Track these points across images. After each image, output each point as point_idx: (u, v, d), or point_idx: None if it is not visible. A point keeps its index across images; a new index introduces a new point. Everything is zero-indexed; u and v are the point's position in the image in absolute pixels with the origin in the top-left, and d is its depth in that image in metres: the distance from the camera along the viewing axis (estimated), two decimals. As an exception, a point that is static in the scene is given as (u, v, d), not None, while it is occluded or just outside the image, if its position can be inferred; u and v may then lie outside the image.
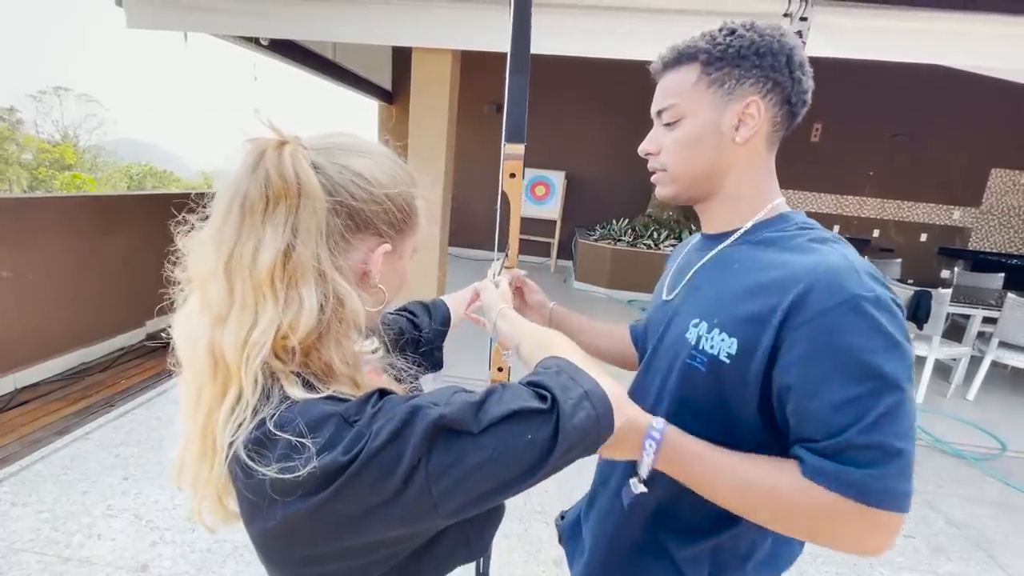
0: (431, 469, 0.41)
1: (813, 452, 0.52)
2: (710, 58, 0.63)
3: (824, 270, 0.55)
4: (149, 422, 2.64)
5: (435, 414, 0.42)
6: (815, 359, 0.53)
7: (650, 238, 6.08)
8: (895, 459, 0.50)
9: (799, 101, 0.64)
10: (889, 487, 0.49)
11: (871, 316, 0.52)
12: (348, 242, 0.50)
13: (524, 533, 2.04)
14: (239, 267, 0.45)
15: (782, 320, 0.55)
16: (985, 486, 2.69)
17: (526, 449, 0.43)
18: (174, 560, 1.78)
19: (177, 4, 3.04)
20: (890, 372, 0.51)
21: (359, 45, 5.39)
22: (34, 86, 36.11)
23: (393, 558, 0.49)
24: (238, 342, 0.45)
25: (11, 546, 1.78)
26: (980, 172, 6.69)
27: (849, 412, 0.51)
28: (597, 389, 0.48)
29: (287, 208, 0.45)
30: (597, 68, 6.34)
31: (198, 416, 0.48)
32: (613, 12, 2.72)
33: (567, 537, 0.92)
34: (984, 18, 2.48)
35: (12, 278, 2.86)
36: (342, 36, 3.14)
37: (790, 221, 0.66)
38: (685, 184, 0.69)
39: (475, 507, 0.44)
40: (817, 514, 0.52)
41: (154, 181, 24.84)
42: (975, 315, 3.87)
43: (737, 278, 0.63)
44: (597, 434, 0.47)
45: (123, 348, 3.54)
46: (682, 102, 0.65)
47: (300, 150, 0.47)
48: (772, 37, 0.62)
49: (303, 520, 0.42)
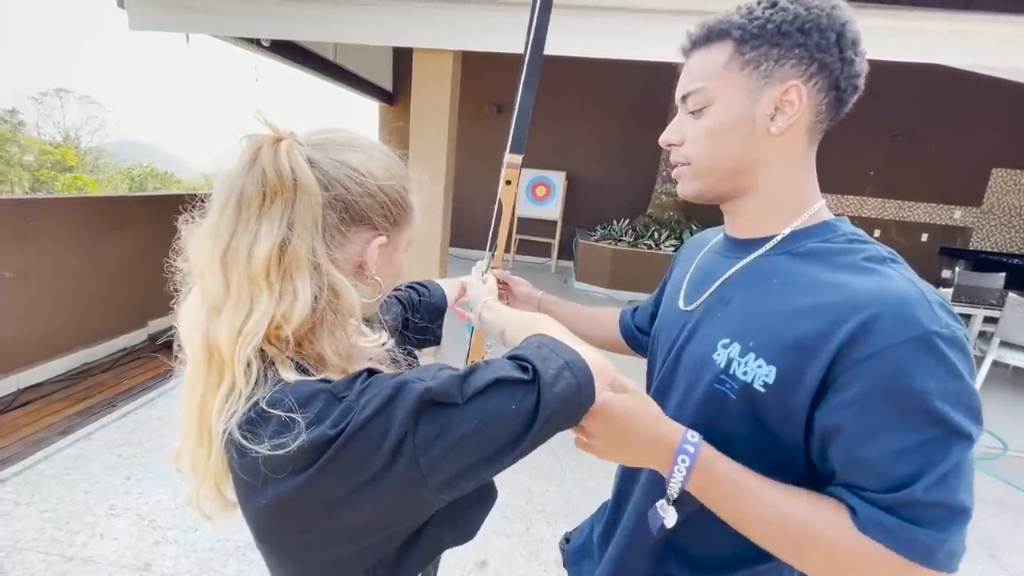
0: (418, 441, 0.42)
1: (867, 502, 0.47)
2: (745, 35, 0.55)
3: (892, 299, 0.48)
4: (151, 422, 2.64)
5: (421, 388, 0.43)
6: (877, 400, 0.46)
7: (651, 238, 6.08)
8: (960, 519, 0.45)
9: (849, 86, 0.55)
10: (952, 550, 0.45)
11: (946, 356, 0.45)
12: (344, 235, 0.51)
13: (525, 532, 2.05)
14: (235, 260, 0.46)
15: (837, 352, 0.48)
16: (987, 486, 2.69)
17: (511, 418, 0.44)
18: (176, 559, 1.79)
19: (179, 6, 3.05)
20: (959, 420, 0.45)
21: (360, 46, 5.41)
22: (35, 88, 36.17)
23: (389, 543, 0.49)
24: (232, 332, 0.46)
25: (15, 545, 1.79)
26: (981, 172, 6.69)
27: (913, 463, 0.45)
28: (578, 360, 0.49)
29: (283, 203, 0.46)
30: (598, 68, 6.35)
31: (193, 404, 0.49)
32: (612, 12, 2.73)
33: (571, 562, 0.86)
34: (984, 17, 2.49)
35: (15, 279, 2.88)
36: (343, 37, 3.15)
37: (836, 231, 0.57)
38: (712, 180, 0.60)
39: (465, 481, 0.44)
40: (866, 569, 0.47)
41: (155, 182, 24.88)
42: (976, 315, 3.87)
43: (779, 296, 0.55)
44: (578, 402, 0.48)
45: (125, 349, 3.55)
46: (711, 86, 0.57)
47: (296, 146, 0.48)
48: (821, 10, 0.53)
49: (294, 497, 0.43)
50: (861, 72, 0.55)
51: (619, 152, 7.20)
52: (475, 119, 7.02)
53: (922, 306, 0.47)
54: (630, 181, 7.10)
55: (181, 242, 0.51)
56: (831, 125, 0.59)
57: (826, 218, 0.59)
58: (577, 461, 2.57)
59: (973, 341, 3.90)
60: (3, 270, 2.82)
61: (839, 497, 0.50)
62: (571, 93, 7.15)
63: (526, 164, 6.72)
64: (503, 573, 1.84)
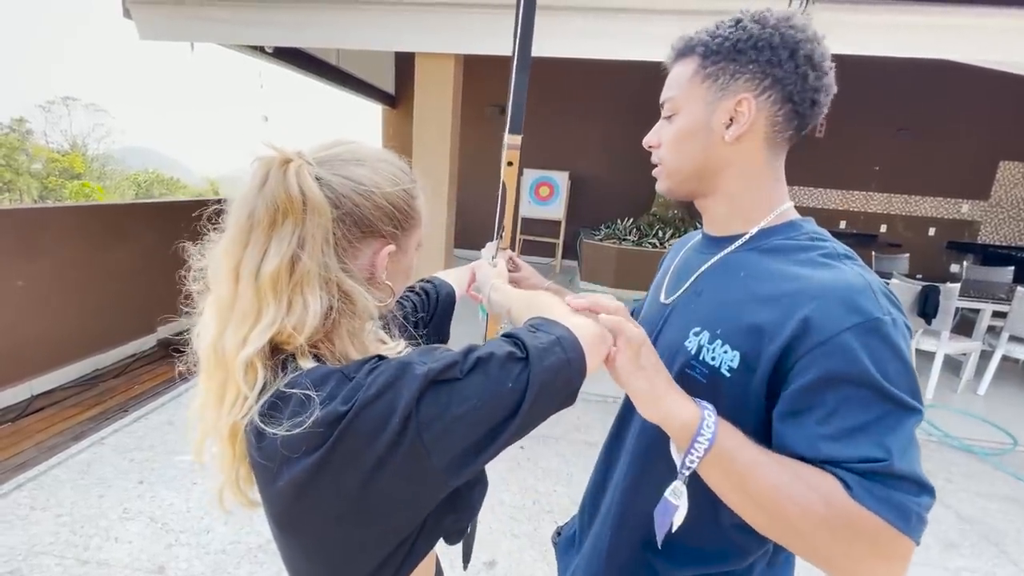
0: (421, 419, 0.44)
1: (853, 473, 0.49)
2: (707, 51, 0.61)
3: (842, 288, 0.52)
4: (162, 427, 2.68)
5: (424, 369, 0.46)
6: (832, 383, 0.50)
7: (655, 237, 6.07)
8: (927, 490, 0.49)
9: (805, 100, 0.59)
10: (923, 518, 0.49)
11: (889, 339, 0.50)
12: (355, 247, 0.54)
13: (534, 533, 2.06)
14: (245, 275, 0.49)
15: (791, 337, 0.52)
16: (996, 481, 2.67)
17: (506, 394, 0.47)
18: (190, 562, 1.81)
19: (185, 15, 3.09)
20: (906, 397, 0.50)
21: (362, 50, 5.43)
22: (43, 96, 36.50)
23: (401, 530, 0.50)
24: (238, 340, 0.49)
25: (32, 549, 1.82)
26: (988, 165, 6.63)
27: (875, 437, 0.49)
28: (568, 335, 0.52)
29: (294, 222, 0.49)
30: (601, 69, 6.35)
31: (208, 407, 0.52)
32: (615, 13, 2.73)
33: (561, 554, 0.89)
34: (988, 11, 2.48)
35: (26, 287, 2.92)
36: (345, 43, 3.18)
37: (800, 229, 0.63)
38: (677, 180, 0.67)
39: (470, 459, 0.47)
40: (856, 537, 0.48)
41: (161, 188, 25.08)
42: (984, 309, 3.85)
43: (744, 287, 0.60)
44: (568, 376, 0.50)
45: (135, 354, 3.59)
46: (679, 95, 0.64)
47: (304, 166, 0.50)
48: (775, 29, 0.58)
49: (310, 477, 0.45)
50: (819, 88, 0.59)
51: (622, 151, 7.18)
52: (477, 121, 7.04)
53: (867, 295, 0.52)
54: (633, 180, 7.08)
55: (200, 256, 0.55)
56: (799, 135, 0.63)
57: (792, 218, 0.65)
58: (585, 462, 2.58)
59: (982, 336, 3.87)
60: (14, 279, 2.86)
61: (830, 472, 0.51)
62: (574, 93, 7.15)
63: (530, 164, 6.71)
64: (511, 573, 1.85)
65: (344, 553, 0.50)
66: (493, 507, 2.19)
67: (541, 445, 2.71)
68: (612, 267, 5.97)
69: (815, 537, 0.50)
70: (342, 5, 2.96)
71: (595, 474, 0.83)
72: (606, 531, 0.74)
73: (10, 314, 2.84)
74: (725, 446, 0.53)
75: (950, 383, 3.88)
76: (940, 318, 3.46)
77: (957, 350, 3.71)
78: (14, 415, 2.71)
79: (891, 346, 0.50)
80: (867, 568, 0.49)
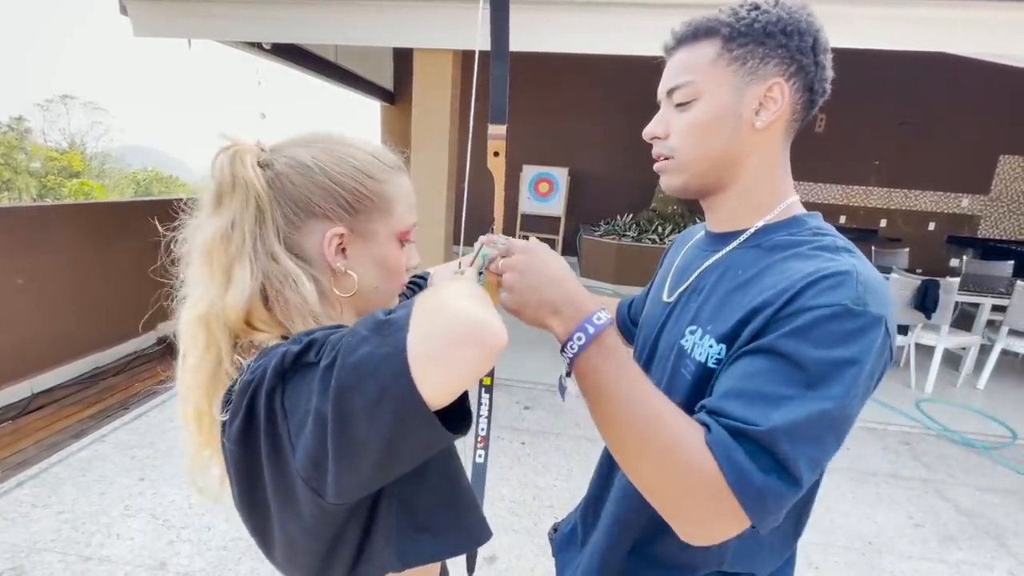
0: (286, 404, 0.42)
1: (723, 427, 0.48)
2: (733, 32, 0.57)
3: (825, 274, 0.51)
4: (163, 424, 2.68)
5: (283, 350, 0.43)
6: (773, 347, 0.49)
7: (655, 233, 6.07)
8: (788, 482, 0.47)
9: (820, 89, 0.59)
10: (767, 506, 0.47)
11: (847, 329, 0.48)
12: (297, 227, 0.54)
13: (534, 528, 2.06)
14: (191, 254, 0.54)
15: (769, 317, 0.51)
16: (995, 474, 2.68)
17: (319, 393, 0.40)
18: (191, 558, 1.82)
19: (182, 11, 3.07)
20: (832, 391, 0.47)
21: (360, 47, 5.42)
22: (41, 95, 36.40)
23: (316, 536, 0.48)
24: (189, 313, 0.53)
25: (34, 546, 1.82)
26: (988, 159, 6.62)
27: (776, 410, 0.47)
28: (396, 337, 0.38)
29: (228, 200, 0.52)
30: (599, 64, 6.32)
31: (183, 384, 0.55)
32: (613, 7, 2.72)
33: (558, 550, 0.88)
34: (989, 5, 2.46)
35: (25, 285, 2.92)
36: (343, 39, 3.16)
37: (803, 225, 0.60)
38: (696, 173, 0.62)
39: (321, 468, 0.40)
40: (696, 485, 0.47)
41: (160, 186, 25.05)
42: (984, 304, 3.85)
43: (740, 285, 0.59)
44: (391, 370, 0.37)
45: (135, 352, 3.59)
46: (699, 80, 0.59)
47: (243, 151, 0.53)
48: (800, 16, 0.56)
49: (237, 451, 0.45)
50: (830, 77, 0.59)
51: (621, 147, 7.17)
52: (478, 117, 7.02)
53: (848, 283, 0.50)
54: (633, 176, 7.07)
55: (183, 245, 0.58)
56: (801, 127, 0.62)
57: (796, 213, 0.62)
58: (585, 457, 2.58)
59: (981, 330, 3.87)
60: (13, 277, 2.86)
61: (701, 420, 0.51)
62: (573, 89, 7.13)
63: (529, 161, 6.67)
64: (512, 568, 1.86)
65: (288, 550, 0.50)
66: (493, 502, 2.19)
67: (541, 440, 2.72)
68: (612, 263, 5.97)
69: (660, 471, 0.49)
70: (340, 0, 2.95)
71: (596, 477, 0.82)
72: (602, 537, 0.73)
73: (10, 312, 2.84)
74: (608, 342, 0.53)
75: (950, 377, 3.88)
76: (940, 312, 3.46)
77: (957, 344, 3.72)
78: (15, 413, 2.71)
79: (846, 336, 0.48)
80: (697, 520, 0.49)
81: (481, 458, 0.91)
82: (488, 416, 0.90)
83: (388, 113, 7.66)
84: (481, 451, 0.91)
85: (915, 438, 3.01)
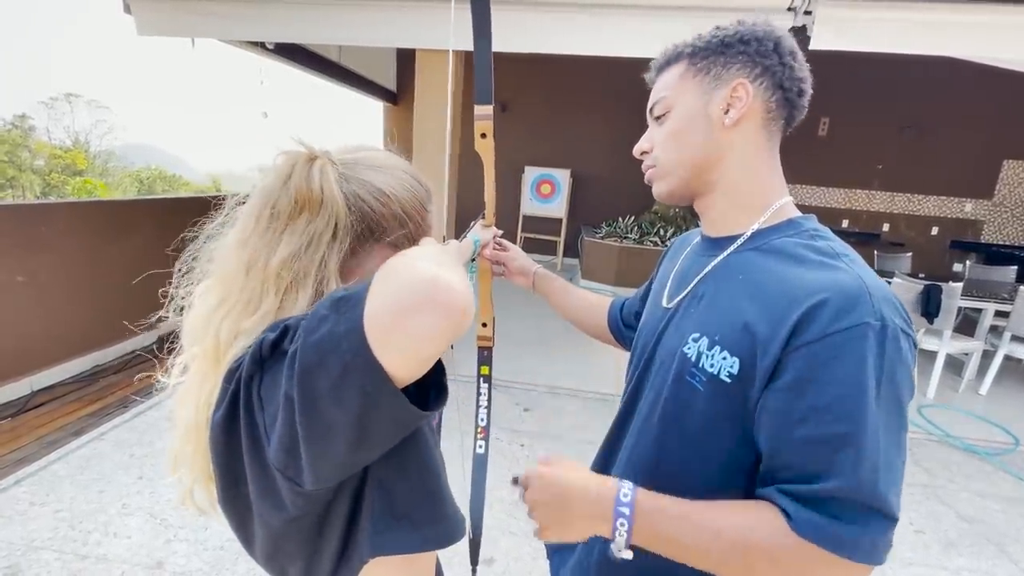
0: (262, 394, 0.43)
1: (796, 502, 0.49)
2: (695, 51, 0.64)
3: (835, 290, 0.51)
4: (161, 423, 2.68)
5: (262, 336, 0.43)
6: (807, 386, 0.49)
7: (656, 235, 6.06)
8: (878, 516, 0.47)
9: (793, 87, 0.61)
10: (875, 543, 0.48)
11: (878, 347, 0.49)
12: (360, 252, 0.53)
13: (531, 530, 2.05)
14: (255, 266, 0.49)
15: (785, 342, 0.51)
16: (997, 481, 2.66)
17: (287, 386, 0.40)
18: (188, 557, 1.81)
19: (185, 11, 3.08)
20: (880, 413, 0.48)
21: (363, 47, 5.42)
22: (45, 93, 36.59)
23: (299, 529, 0.47)
24: (232, 329, 0.49)
25: (31, 544, 1.82)
26: (992, 164, 6.59)
27: (831, 455, 0.48)
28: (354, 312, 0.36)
29: (308, 217, 0.49)
30: (602, 66, 6.32)
31: (190, 397, 0.53)
32: (617, 9, 2.72)
33: (554, 551, 0.88)
34: (994, 8, 2.45)
35: (26, 282, 2.92)
36: (346, 39, 3.17)
37: (800, 228, 0.62)
38: (677, 177, 0.66)
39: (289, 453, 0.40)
40: (808, 569, 0.48)
41: (163, 185, 25.12)
42: (987, 309, 3.83)
43: (742, 290, 0.59)
44: (349, 348, 0.36)
45: (135, 350, 3.60)
46: (671, 94, 0.65)
47: (328, 165, 0.50)
48: (758, 27, 0.62)
49: (220, 432, 0.45)
50: (803, 77, 0.62)
51: (624, 149, 7.09)
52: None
53: (862, 299, 0.50)
54: (635, 178, 6.96)
55: (203, 249, 0.55)
56: (791, 127, 0.65)
57: (792, 215, 0.64)
58: (583, 460, 2.57)
59: (984, 335, 3.86)
60: (14, 274, 2.86)
61: (770, 500, 0.52)
62: (575, 91, 7.13)
63: (531, 162, 6.68)
64: (510, 570, 1.85)
65: (271, 545, 0.49)
66: (491, 504, 2.18)
67: (539, 443, 2.71)
68: (613, 265, 5.96)
69: (768, 574, 0.50)
70: (343, 1, 2.95)
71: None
72: (598, 539, 0.72)
73: (11, 310, 2.85)
74: (645, 508, 0.54)
75: (952, 382, 3.86)
76: (942, 317, 3.45)
77: (959, 349, 3.70)
78: (14, 410, 2.71)
79: (880, 354, 0.49)
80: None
81: (482, 449, 0.91)
82: (488, 407, 0.89)
83: (391, 113, 7.67)
84: (482, 442, 0.90)
85: (917, 443, 2.99)
